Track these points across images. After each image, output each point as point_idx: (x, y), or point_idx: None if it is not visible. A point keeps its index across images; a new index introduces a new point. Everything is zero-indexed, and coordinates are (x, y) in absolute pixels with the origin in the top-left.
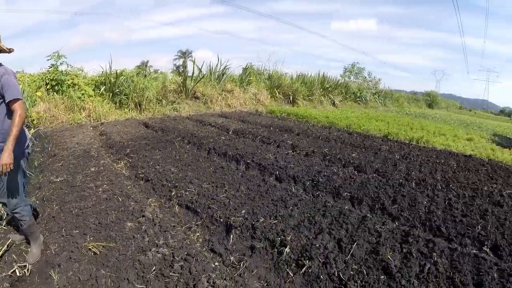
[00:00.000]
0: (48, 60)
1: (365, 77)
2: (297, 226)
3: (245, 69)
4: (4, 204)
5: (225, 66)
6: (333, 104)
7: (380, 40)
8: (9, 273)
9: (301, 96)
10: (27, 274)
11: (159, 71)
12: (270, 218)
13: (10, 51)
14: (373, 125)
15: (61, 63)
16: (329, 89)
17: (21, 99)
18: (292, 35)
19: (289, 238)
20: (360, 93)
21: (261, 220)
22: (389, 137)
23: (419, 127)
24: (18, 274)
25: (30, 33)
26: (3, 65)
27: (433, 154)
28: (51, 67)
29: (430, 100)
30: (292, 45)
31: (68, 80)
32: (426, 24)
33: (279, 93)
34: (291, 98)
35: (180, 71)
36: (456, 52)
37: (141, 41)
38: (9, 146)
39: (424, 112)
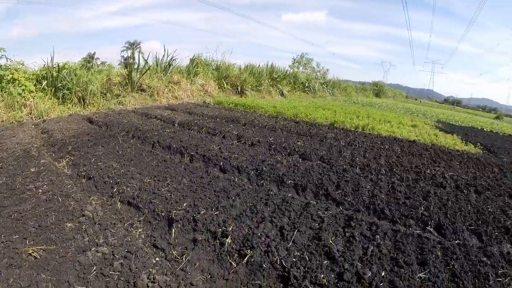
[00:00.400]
0: None
1: (314, 68)
2: (239, 216)
3: (192, 60)
4: None
5: (172, 57)
6: (282, 94)
7: (330, 32)
8: None
9: (250, 87)
10: None
11: (106, 63)
12: (212, 210)
13: None
14: (320, 114)
15: (0, 56)
16: (278, 79)
17: None
18: (244, 26)
19: (230, 228)
20: (308, 83)
21: (202, 212)
22: (335, 125)
23: (366, 115)
24: None
25: None
26: None
27: (378, 140)
28: None
29: (378, 89)
30: (244, 36)
31: (8, 75)
32: (375, 17)
33: (227, 84)
34: (239, 89)
35: (128, 63)
36: (403, 45)
37: (89, 32)
38: None
39: (371, 101)
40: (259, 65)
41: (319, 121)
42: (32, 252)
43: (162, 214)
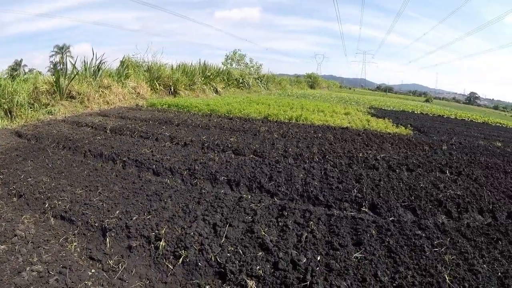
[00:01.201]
0: None
1: (247, 63)
2: (171, 218)
3: (122, 62)
4: None
5: (101, 60)
6: (216, 91)
7: (265, 28)
8: None
9: (183, 86)
10: None
11: (34, 71)
12: (144, 214)
13: None
14: (254, 109)
15: None
16: (211, 77)
17: None
18: (177, 25)
19: (163, 231)
20: (242, 79)
21: (134, 218)
22: (269, 118)
23: (299, 106)
24: None
25: None
26: None
27: (311, 130)
28: None
29: (312, 81)
30: (177, 35)
31: None
32: (308, 12)
33: (159, 85)
34: (172, 89)
35: (57, 68)
36: (335, 37)
37: (15, 36)
38: None
39: (305, 93)
40: (191, 64)
41: (252, 116)
42: None
43: (96, 224)
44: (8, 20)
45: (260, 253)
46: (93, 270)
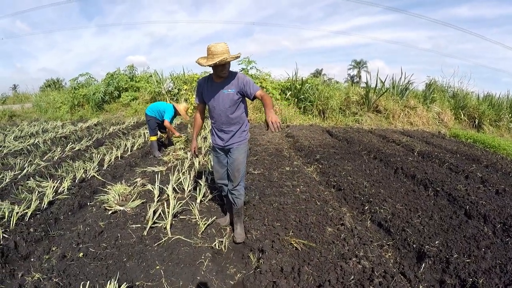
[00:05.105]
0: (239, 64)
1: None
2: (488, 271)
3: (429, 85)
4: (223, 185)
5: (409, 81)
6: None
7: None
8: (211, 245)
9: (488, 121)
10: (224, 250)
11: (333, 80)
12: (464, 256)
13: (238, 57)
14: None
15: (251, 68)
16: None
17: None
18: (472, 45)
19: (481, 281)
20: None
21: (455, 256)
22: None
23: None
24: (217, 247)
25: (210, 40)
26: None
27: None
28: (241, 71)
29: None
30: (473, 57)
31: (257, 84)
32: None
33: (463, 115)
34: (476, 122)
35: (354, 81)
36: None
37: (315, 50)
38: (271, 112)
39: None
40: (498, 96)
41: None
42: (294, 243)
43: (413, 245)
44: (308, 36)
45: None
46: None
